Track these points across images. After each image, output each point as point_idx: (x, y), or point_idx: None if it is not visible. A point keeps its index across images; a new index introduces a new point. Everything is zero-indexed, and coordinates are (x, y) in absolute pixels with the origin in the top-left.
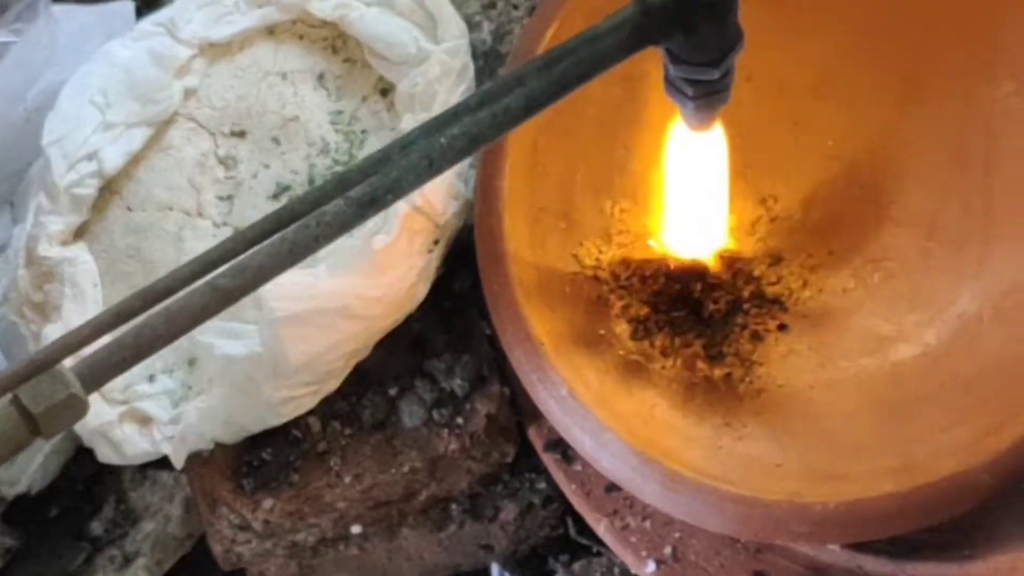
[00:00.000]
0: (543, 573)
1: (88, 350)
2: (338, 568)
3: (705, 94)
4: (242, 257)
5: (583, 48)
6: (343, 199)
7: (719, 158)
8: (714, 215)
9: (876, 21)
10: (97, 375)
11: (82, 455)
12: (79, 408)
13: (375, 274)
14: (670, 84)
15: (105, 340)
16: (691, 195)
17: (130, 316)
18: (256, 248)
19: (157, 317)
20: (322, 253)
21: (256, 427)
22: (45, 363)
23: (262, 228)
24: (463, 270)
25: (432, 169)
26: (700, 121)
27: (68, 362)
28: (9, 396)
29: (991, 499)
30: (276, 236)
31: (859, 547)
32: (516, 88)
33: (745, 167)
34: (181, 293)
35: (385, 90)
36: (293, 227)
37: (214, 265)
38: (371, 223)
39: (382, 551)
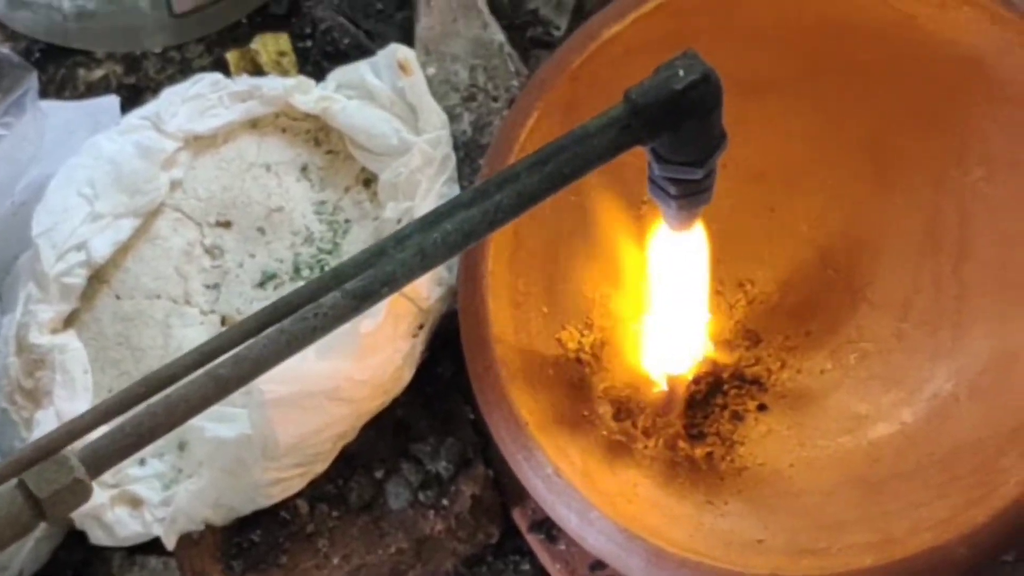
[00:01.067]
0: None
1: (91, 436)
2: None
3: (688, 194)
4: (241, 348)
5: (573, 147)
6: (340, 292)
7: (701, 260)
8: (695, 324)
9: (847, 109)
10: (100, 461)
11: (72, 541)
12: (83, 493)
13: (362, 357)
14: (653, 184)
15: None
16: (672, 303)
17: (133, 403)
18: (255, 339)
19: (157, 405)
20: None
21: (245, 508)
22: (50, 449)
23: (260, 319)
24: (446, 356)
25: (425, 264)
26: (681, 221)
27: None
28: (15, 481)
29: (969, 572)
30: (274, 328)
31: None
32: (508, 185)
33: (722, 252)
34: (182, 382)
35: (368, 180)
36: (291, 319)
37: (214, 355)
38: None
39: None
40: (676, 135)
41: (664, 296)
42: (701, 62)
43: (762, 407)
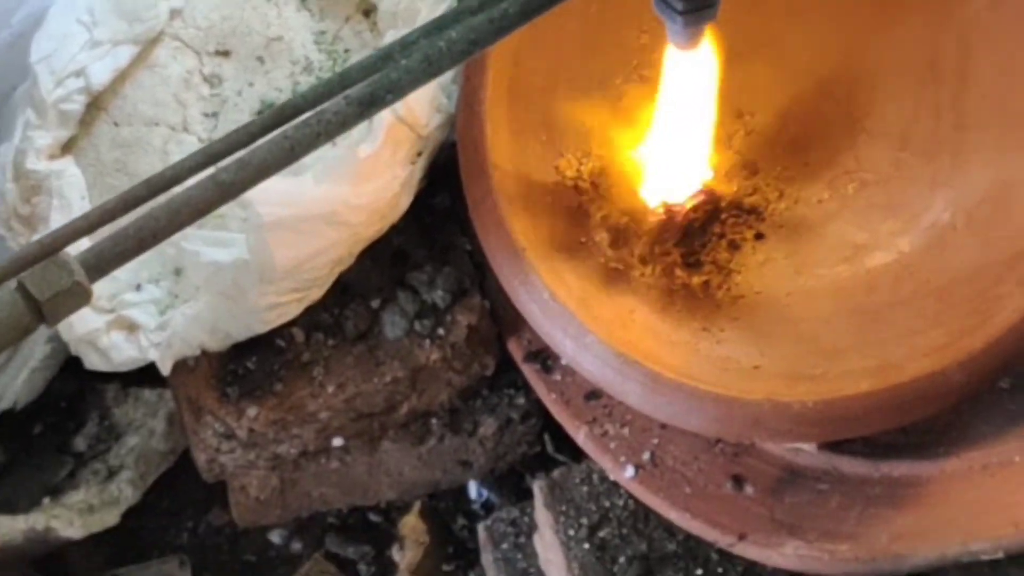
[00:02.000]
0: (520, 490)
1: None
2: (319, 483)
3: (695, 8)
4: (244, 152)
5: None
6: (344, 98)
7: (709, 79)
8: (698, 149)
9: None
10: (101, 264)
11: (66, 373)
12: (83, 296)
13: (360, 182)
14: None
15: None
16: (679, 127)
17: (135, 204)
18: (258, 143)
19: (160, 209)
20: (308, 160)
21: (241, 334)
22: (50, 249)
23: (265, 123)
24: (444, 187)
25: (431, 70)
26: (688, 38)
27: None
28: (14, 282)
29: (964, 399)
30: (278, 133)
31: (835, 448)
32: None
33: (722, 83)
34: (185, 184)
35: (368, 10)
36: (294, 125)
37: (218, 157)
38: (356, 132)
39: (362, 465)
40: None
41: (670, 120)
42: None
43: (759, 236)
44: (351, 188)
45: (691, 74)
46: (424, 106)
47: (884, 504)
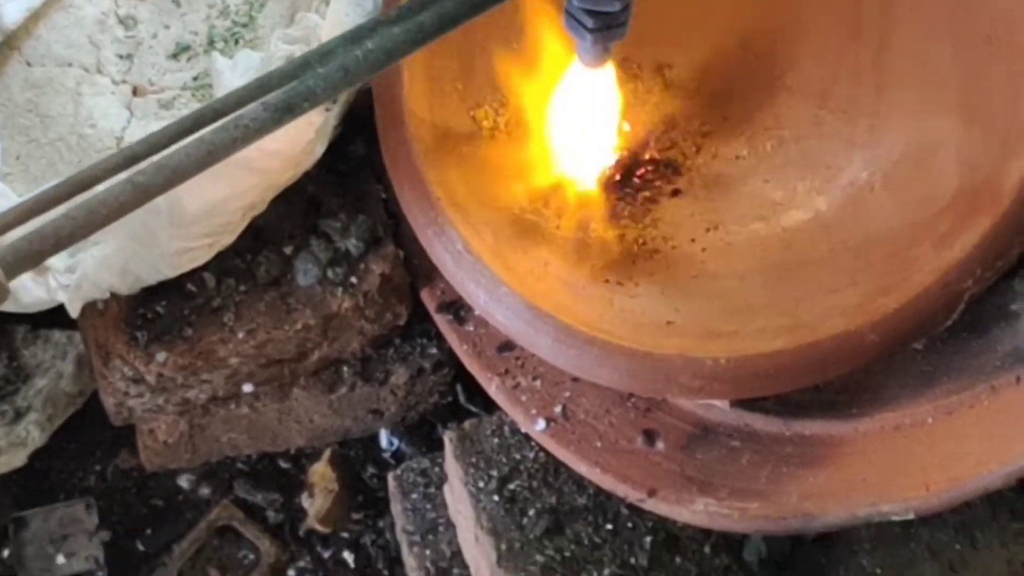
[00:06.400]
0: (432, 440)
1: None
2: (228, 428)
3: (604, 27)
4: (162, 155)
5: None
6: (261, 104)
7: (610, 96)
8: (603, 147)
9: None
10: (18, 262)
11: None
12: (0, 293)
13: None
14: (570, 16)
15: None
16: (581, 130)
17: (55, 203)
18: (176, 146)
19: (78, 210)
20: None
21: (151, 278)
22: None
23: (184, 125)
24: (360, 135)
25: (348, 80)
26: (595, 56)
27: None
28: None
29: (878, 359)
30: (195, 138)
31: (748, 406)
32: (432, 5)
33: (643, 35)
34: (103, 185)
35: None
36: (212, 129)
37: (136, 159)
38: None
39: (272, 412)
40: None
41: (573, 131)
42: None
43: (676, 191)
44: None
45: (596, 91)
46: None
47: (795, 463)
